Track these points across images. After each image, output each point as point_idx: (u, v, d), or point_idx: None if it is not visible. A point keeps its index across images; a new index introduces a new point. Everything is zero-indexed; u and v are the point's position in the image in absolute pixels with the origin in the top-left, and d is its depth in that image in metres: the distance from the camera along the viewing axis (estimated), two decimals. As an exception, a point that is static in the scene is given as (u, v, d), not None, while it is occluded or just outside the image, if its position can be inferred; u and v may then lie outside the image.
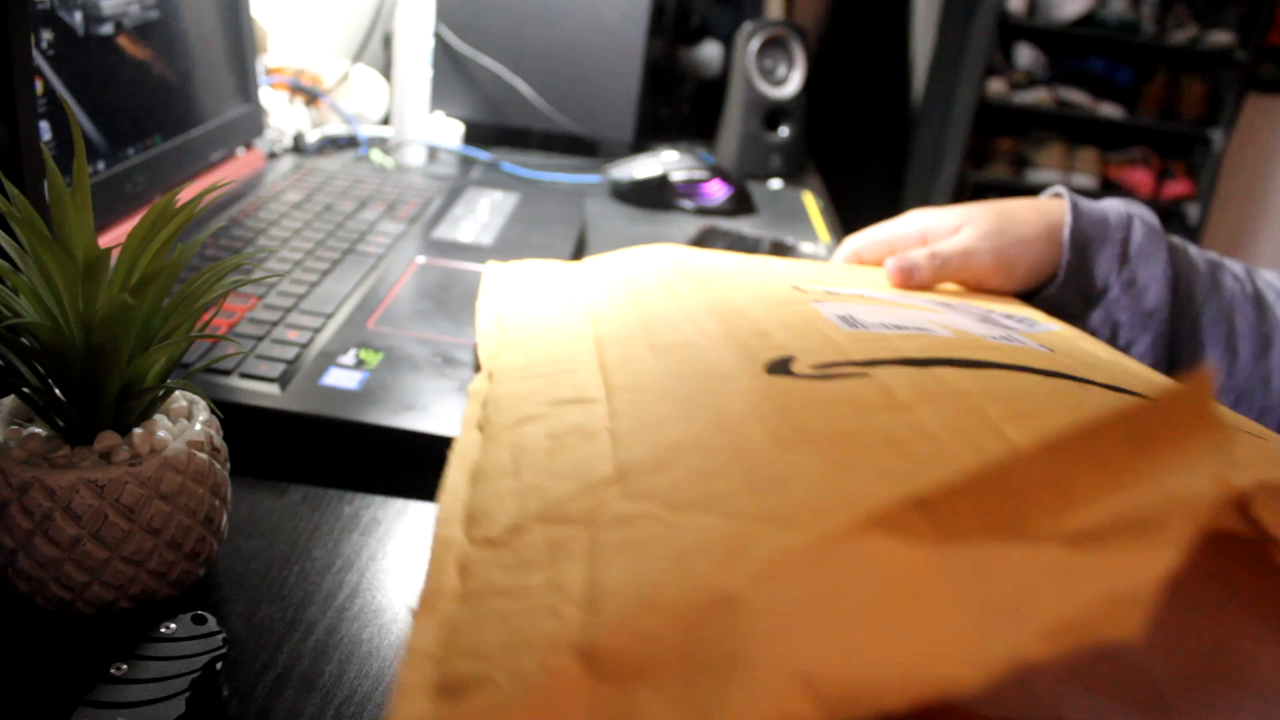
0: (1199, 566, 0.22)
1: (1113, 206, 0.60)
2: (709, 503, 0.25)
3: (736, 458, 0.27)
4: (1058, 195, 0.61)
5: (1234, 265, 0.62)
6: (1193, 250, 0.61)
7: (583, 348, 0.40)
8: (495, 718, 0.20)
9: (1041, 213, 0.59)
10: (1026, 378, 0.35)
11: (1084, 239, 0.58)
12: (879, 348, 0.37)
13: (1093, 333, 0.58)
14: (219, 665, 0.36)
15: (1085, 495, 0.20)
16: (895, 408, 0.30)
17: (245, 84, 0.91)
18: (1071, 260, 0.58)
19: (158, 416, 0.41)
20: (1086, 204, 0.60)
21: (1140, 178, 2.84)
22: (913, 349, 0.37)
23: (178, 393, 0.43)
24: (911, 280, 0.57)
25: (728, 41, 1.45)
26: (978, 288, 0.59)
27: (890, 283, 0.58)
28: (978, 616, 0.19)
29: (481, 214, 0.87)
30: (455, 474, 0.31)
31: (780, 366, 0.34)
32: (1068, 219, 0.58)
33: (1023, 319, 0.51)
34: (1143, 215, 0.59)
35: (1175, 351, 0.58)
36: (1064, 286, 0.58)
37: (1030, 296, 0.60)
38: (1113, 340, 0.58)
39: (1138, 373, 0.42)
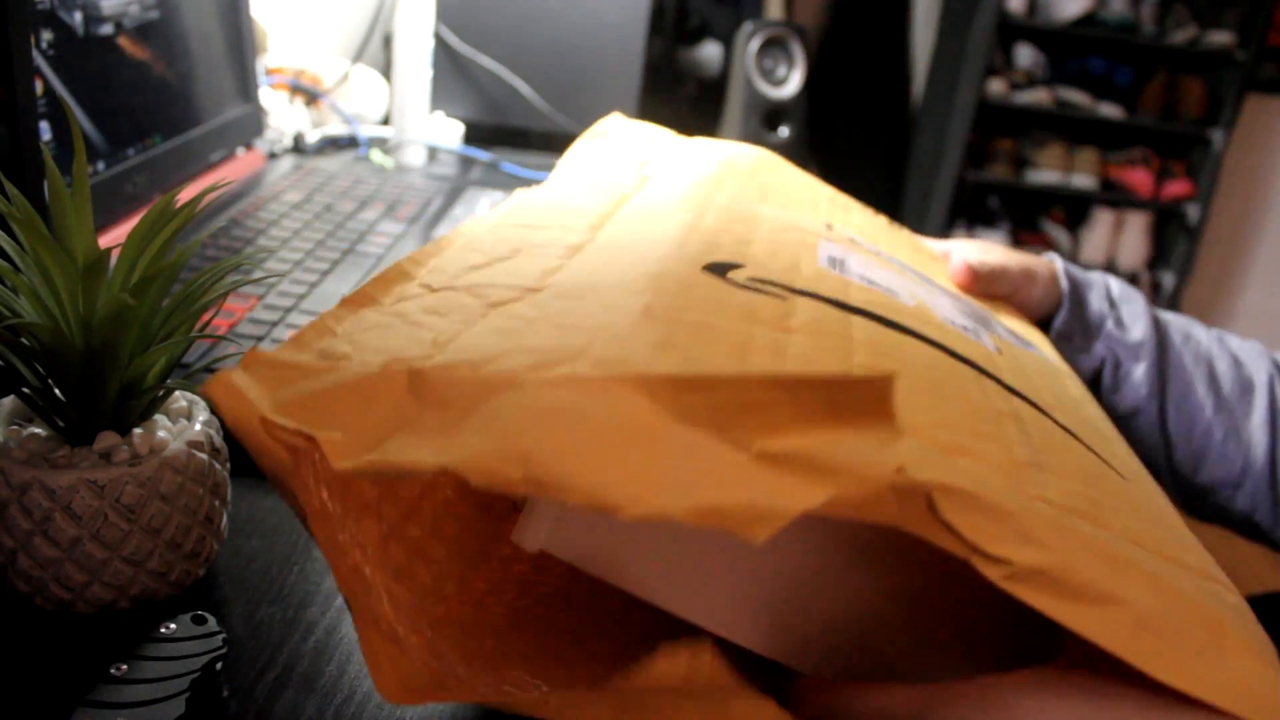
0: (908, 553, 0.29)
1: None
2: (562, 329, 0.32)
3: (604, 310, 0.33)
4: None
5: (1200, 326, 0.70)
6: (1162, 310, 0.70)
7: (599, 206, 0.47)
8: (336, 383, 0.28)
9: (1042, 261, 0.68)
10: (927, 350, 0.39)
11: (1076, 279, 0.67)
12: (828, 287, 0.42)
13: (1099, 364, 0.65)
14: (219, 665, 0.36)
15: (786, 431, 0.27)
16: (777, 326, 0.36)
17: (245, 84, 0.91)
18: (1070, 293, 0.66)
19: (158, 417, 0.41)
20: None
21: (1140, 178, 2.84)
22: (856, 298, 0.42)
23: (178, 393, 0.43)
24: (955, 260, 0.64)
25: (728, 41, 1.45)
26: (1013, 291, 0.65)
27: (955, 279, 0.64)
28: (661, 475, 0.25)
29: (481, 214, 0.87)
30: (453, 238, 0.41)
31: (718, 268, 0.40)
32: (1059, 262, 0.68)
33: (1023, 338, 0.55)
34: (1113, 277, 0.70)
35: (1164, 384, 0.65)
36: (1068, 317, 0.66)
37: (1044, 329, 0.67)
38: (1115, 370, 0.65)
39: (1083, 415, 0.45)
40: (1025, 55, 2.78)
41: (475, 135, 1.19)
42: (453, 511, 0.39)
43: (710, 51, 1.48)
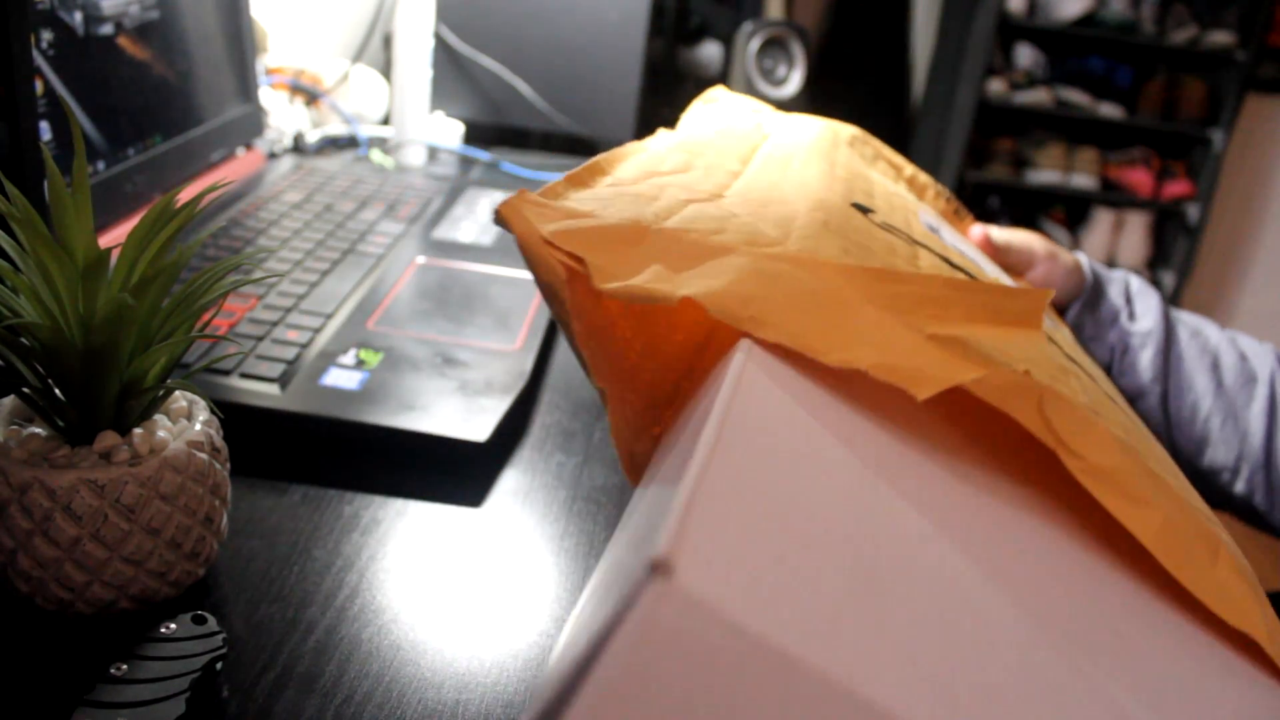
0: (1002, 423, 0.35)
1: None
2: (758, 225, 0.40)
3: (789, 219, 0.42)
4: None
5: (1214, 326, 0.75)
6: (1180, 310, 0.75)
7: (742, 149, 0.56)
8: (595, 225, 0.36)
9: (1070, 253, 0.76)
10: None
11: (1099, 273, 0.74)
12: (935, 245, 0.53)
13: (1109, 353, 0.72)
14: (219, 665, 0.36)
15: (953, 322, 0.35)
16: (909, 263, 0.46)
17: (245, 84, 0.91)
18: (1092, 285, 0.72)
19: (158, 416, 0.41)
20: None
21: (1140, 178, 2.84)
22: (955, 259, 0.52)
23: (178, 393, 0.43)
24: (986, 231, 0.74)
25: (728, 41, 1.45)
26: (1029, 263, 0.74)
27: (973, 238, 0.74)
28: (853, 337, 0.33)
29: (481, 214, 0.87)
30: (626, 152, 0.49)
31: (861, 208, 0.49)
32: (1085, 259, 0.74)
33: (1056, 323, 0.65)
34: (1135, 276, 0.75)
35: (1168, 371, 0.70)
36: (1083, 307, 0.72)
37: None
38: (1122, 356, 0.71)
39: (1112, 389, 0.54)
40: (1025, 55, 2.78)
41: (475, 135, 1.19)
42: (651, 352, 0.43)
43: (710, 51, 1.48)
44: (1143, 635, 0.31)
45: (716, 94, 0.73)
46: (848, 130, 0.71)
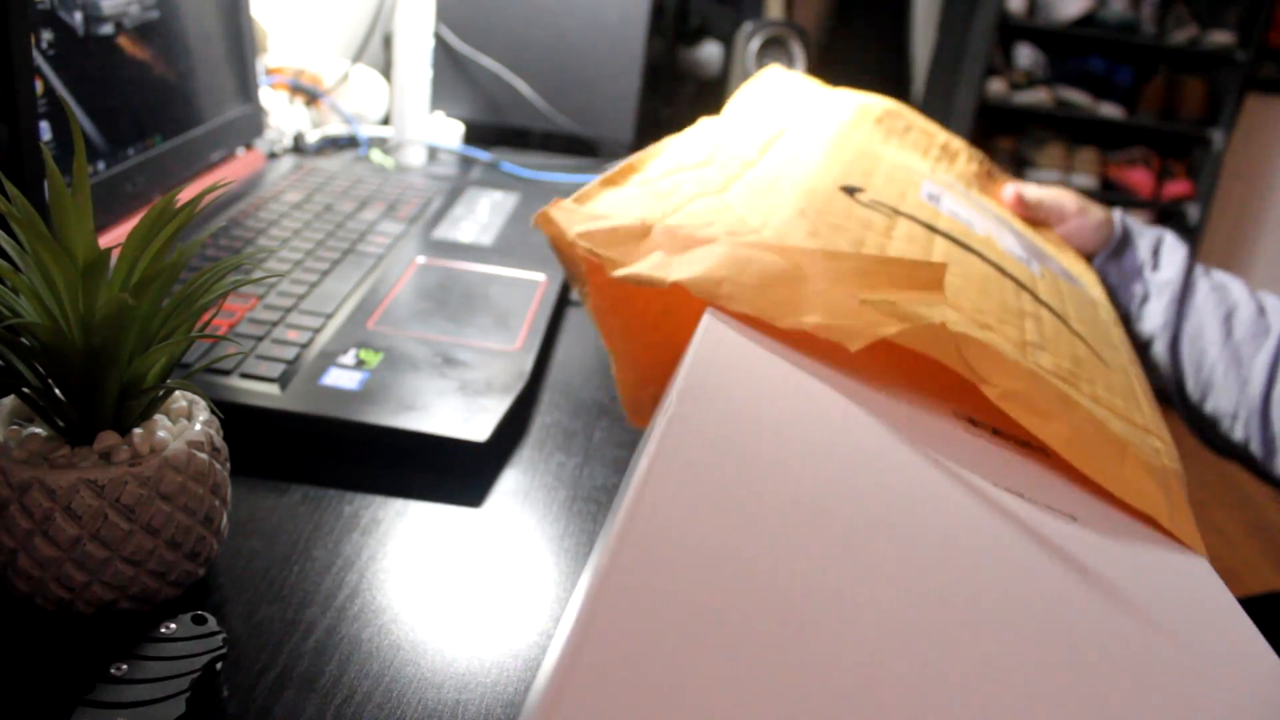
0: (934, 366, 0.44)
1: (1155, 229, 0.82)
2: (745, 215, 0.49)
3: (772, 209, 0.50)
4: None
5: (1242, 284, 0.78)
6: (1215, 270, 0.78)
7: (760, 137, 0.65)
8: (609, 226, 0.46)
9: (1103, 209, 0.82)
10: (983, 265, 0.57)
11: (1128, 229, 0.79)
12: (924, 214, 0.59)
13: (1131, 297, 0.78)
14: (219, 665, 0.36)
15: (881, 289, 0.43)
16: (883, 234, 0.53)
17: (245, 84, 0.91)
18: (1120, 239, 0.78)
19: (158, 416, 0.41)
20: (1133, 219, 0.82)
21: (1140, 178, 2.84)
22: (942, 225, 0.59)
23: (178, 393, 0.43)
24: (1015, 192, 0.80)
25: (728, 41, 1.45)
26: (1061, 219, 0.81)
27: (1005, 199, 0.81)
28: (802, 304, 0.42)
29: (481, 214, 0.87)
30: (660, 148, 0.59)
31: (849, 190, 0.57)
32: (1119, 215, 0.80)
33: (1071, 273, 0.71)
34: (1171, 233, 0.80)
35: (1181, 319, 0.74)
36: (1108, 259, 0.77)
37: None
38: (1141, 303, 0.77)
39: (1100, 328, 0.63)
40: (1025, 55, 2.78)
41: (475, 135, 1.19)
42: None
43: (710, 51, 1.48)
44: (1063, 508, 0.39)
45: (768, 74, 0.81)
46: (880, 106, 0.77)
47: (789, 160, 0.59)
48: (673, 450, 0.30)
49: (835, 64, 2.64)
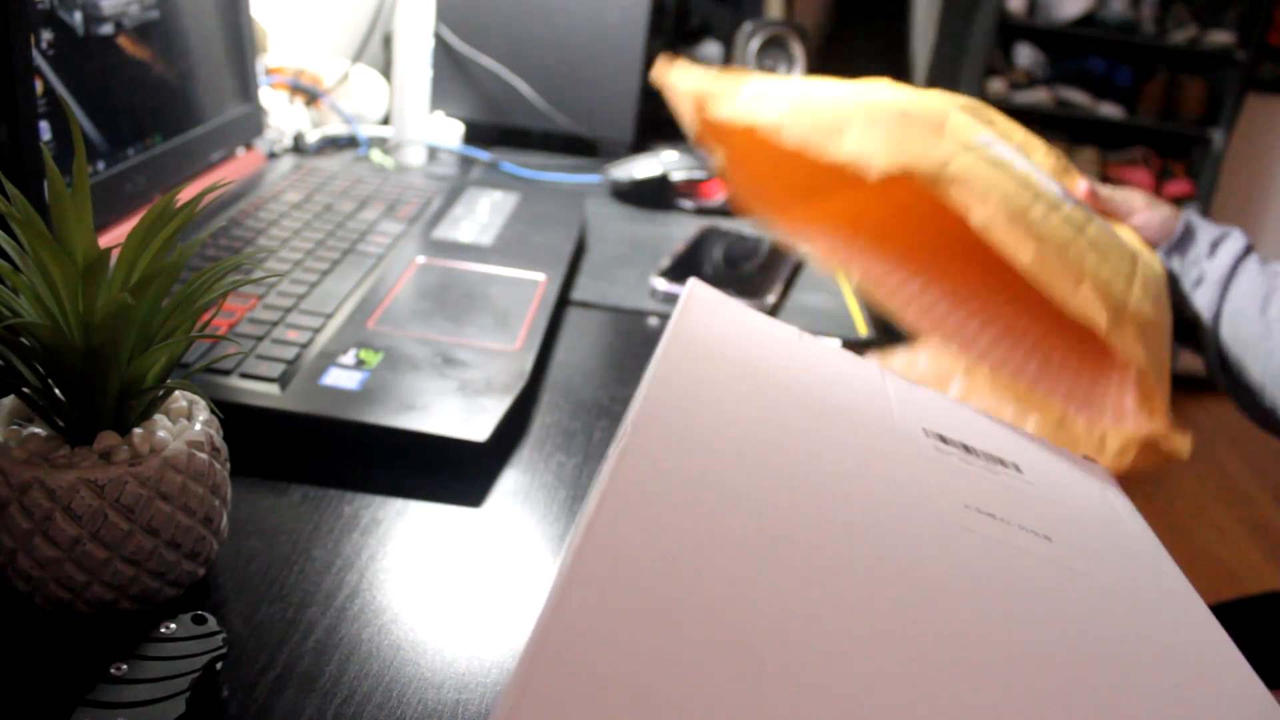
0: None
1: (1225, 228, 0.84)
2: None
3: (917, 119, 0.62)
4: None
5: None
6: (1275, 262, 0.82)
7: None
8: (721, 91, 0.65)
9: (1171, 208, 0.84)
10: (1022, 175, 0.62)
11: (1190, 224, 0.82)
12: (1004, 157, 0.66)
13: (1186, 284, 0.81)
14: (219, 665, 0.36)
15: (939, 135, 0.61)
16: (972, 133, 0.63)
17: (245, 84, 0.91)
18: (1182, 231, 0.81)
19: (158, 416, 0.41)
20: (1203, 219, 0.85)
21: (1140, 178, 2.84)
22: (1019, 165, 0.65)
23: (178, 393, 0.43)
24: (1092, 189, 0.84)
25: (728, 41, 1.45)
26: (1130, 212, 0.85)
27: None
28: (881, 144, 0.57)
29: (481, 214, 0.87)
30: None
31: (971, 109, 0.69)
32: (1186, 212, 0.82)
33: (1120, 239, 0.76)
34: (1239, 231, 0.82)
35: (1225, 295, 0.78)
36: (1170, 251, 0.80)
37: None
38: (1196, 286, 0.81)
39: (1127, 248, 0.68)
40: (1025, 55, 2.78)
41: (475, 135, 1.19)
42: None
43: (710, 51, 1.48)
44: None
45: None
46: (962, 99, 0.84)
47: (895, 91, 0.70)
48: (626, 485, 0.29)
49: (835, 64, 2.64)
